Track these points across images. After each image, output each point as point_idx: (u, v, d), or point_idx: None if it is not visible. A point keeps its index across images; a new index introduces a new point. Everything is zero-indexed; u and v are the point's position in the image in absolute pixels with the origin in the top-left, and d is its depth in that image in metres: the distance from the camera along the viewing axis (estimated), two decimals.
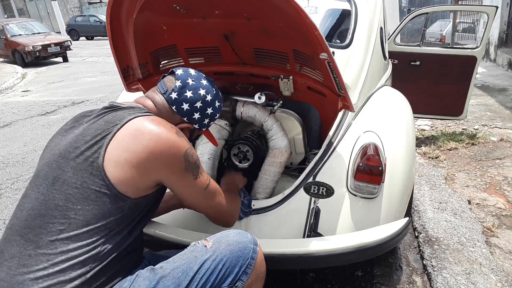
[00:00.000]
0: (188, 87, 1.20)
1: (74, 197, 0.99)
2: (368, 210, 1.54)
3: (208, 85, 1.26)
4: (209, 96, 1.24)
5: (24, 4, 26.93)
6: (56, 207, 0.98)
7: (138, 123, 1.07)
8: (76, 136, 1.07)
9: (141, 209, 1.09)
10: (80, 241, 0.96)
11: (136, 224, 1.09)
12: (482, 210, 2.48)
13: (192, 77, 1.23)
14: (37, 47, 11.76)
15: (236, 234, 1.15)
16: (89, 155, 1.02)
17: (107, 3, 1.47)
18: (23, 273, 0.93)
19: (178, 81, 1.21)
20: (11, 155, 4.03)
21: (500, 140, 3.64)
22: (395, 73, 3.02)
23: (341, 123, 1.74)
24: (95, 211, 0.99)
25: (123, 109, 1.12)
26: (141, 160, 1.02)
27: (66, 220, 0.97)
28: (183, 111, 1.21)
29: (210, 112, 1.26)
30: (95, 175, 1.00)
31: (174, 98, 1.19)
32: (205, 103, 1.23)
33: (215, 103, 1.27)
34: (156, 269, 1.06)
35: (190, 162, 1.12)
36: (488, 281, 1.78)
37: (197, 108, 1.22)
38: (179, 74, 1.22)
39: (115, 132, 1.04)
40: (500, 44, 7.79)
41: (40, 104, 6.54)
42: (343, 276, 1.92)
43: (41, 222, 0.98)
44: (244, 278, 1.10)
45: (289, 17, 1.28)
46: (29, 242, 0.96)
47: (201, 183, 1.18)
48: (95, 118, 1.10)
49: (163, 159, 1.06)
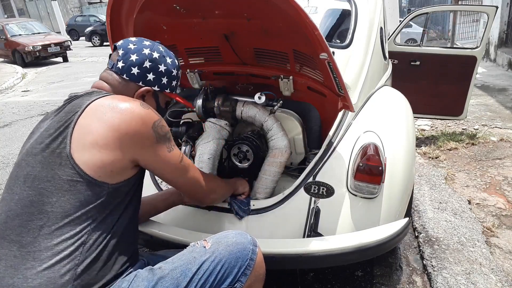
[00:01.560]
0: (131, 51, 1.18)
1: (47, 190, 0.97)
2: (368, 210, 1.54)
3: (152, 44, 1.22)
4: (156, 53, 1.20)
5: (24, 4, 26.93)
6: (31, 204, 0.97)
7: (98, 104, 1.05)
8: (41, 133, 1.06)
9: (124, 194, 1.06)
10: (63, 234, 0.95)
11: (122, 212, 1.06)
12: (482, 210, 2.48)
13: (133, 42, 1.20)
14: (37, 47, 11.77)
15: (236, 235, 1.15)
16: (55, 147, 1.00)
17: (107, 3, 1.47)
18: (11, 274, 0.92)
19: (120, 50, 1.19)
20: (11, 155, 4.03)
21: (500, 140, 3.64)
22: (395, 73, 3.02)
23: (341, 123, 1.74)
24: (72, 200, 0.97)
25: (81, 97, 1.10)
26: (108, 140, 1.00)
27: (44, 215, 0.95)
28: (135, 76, 1.17)
29: (164, 69, 1.21)
30: (64, 165, 0.98)
31: (121, 66, 1.17)
32: (154, 61, 1.19)
33: (166, 59, 1.22)
34: (155, 269, 1.05)
35: (160, 134, 1.09)
36: (488, 281, 1.77)
37: (147, 68, 1.18)
38: (119, 44, 1.21)
39: (76, 119, 1.02)
40: (500, 44, 7.79)
41: (40, 104, 6.54)
42: (343, 276, 1.92)
43: (20, 221, 0.96)
44: (243, 279, 1.10)
45: (289, 17, 1.28)
46: (12, 243, 0.95)
47: (175, 156, 1.15)
48: (56, 112, 1.09)
49: (131, 135, 1.02)
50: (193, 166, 1.25)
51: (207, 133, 1.79)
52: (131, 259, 1.09)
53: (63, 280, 0.92)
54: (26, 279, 0.91)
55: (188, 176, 1.22)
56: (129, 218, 1.10)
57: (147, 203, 1.44)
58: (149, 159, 1.09)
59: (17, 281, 0.91)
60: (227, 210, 1.59)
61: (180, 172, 1.19)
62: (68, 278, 0.92)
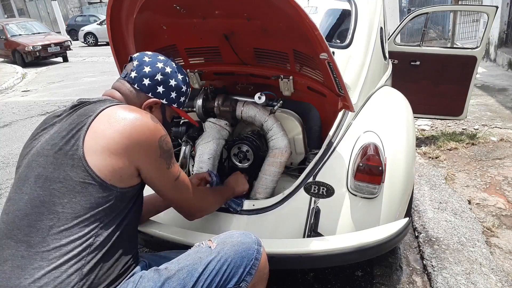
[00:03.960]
0: (145, 63, 1.22)
1: (59, 191, 0.98)
2: (368, 210, 1.54)
3: (166, 59, 1.27)
4: (168, 68, 1.24)
5: (24, 4, 26.92)
6: (42, 204, 0.98)
7: (112, 111, 1.08)
8: (51, 135, 1.06)
9: (129, 198, 1.09)
10: (72, 235, 0.96)
11: (126, 215, 1.08)
12: (482, 210, 2.48)
13: (148, 55, 1.25)
14: (37, 47, 11.76)
15: (240, 235, 1.16)
16: (68, 149, 1.01)
17: (107, 3, 1.47)
18: (19, 275, 0.92)
19: (135, 61, 1.23)
20: (11, 155, 4.03)
21: (500, 140, 3.64)
22: (395, 73, 3.02)
23: (341, 123, 1.74)
24: (83, 202, 0.98)
25: (93, 103, 1.12)
26: (118, 146, 1.02)
27: (55, 215, 0.96)
28: (146, 87, 1.21)
29: (174, 84, 1.25)
30: (77, 167, 0.99)
31: (134, 76, 1.21)
32: (166, 75, 1.23)
33: (177, 75, 1.26)
34: (160, 270, 1.05)
35: (164, 149, 1.12)
36: (488, 281, 1.77)
37: (158, 81, 1.22)
38: (135, 56, 1.25)
39: (90, 122, 1.04)
40: (500, 44, 7.78)
41: (40, 104, 6.54)
42: (343, 276, 1.92)
43: (28, 221, 0.97)
44: (248, 279, 1.10)
45: (289, 17, 1.28)
46: (20, 243, 0.95)
47: (172, 173, 1.17)
48: (67, 116, 1.10)
49: (140, 144, 1.06)
50: (187, 186, 1.26)
51: (207, 133, 1.79)
52: (133, 260, 1.10)
53: (70, 280, 0.92)
54: (34, 279, 0.91)
55: (179, 195, 1.24)
56: (132, 221, 1.12)
57: (148, 203, 1.44)
58: (149, 171, 1.11)
59: (24, 282, 0.91)
60: (226, 210, 1.59)
61: (173, 188, 1.21)
62: (75, 278, 0.93)
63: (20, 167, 1.09)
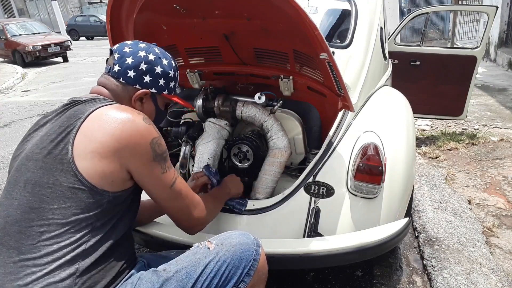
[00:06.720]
0: (126, 55, 1.16)
1: (49, 197, 0.96)
2: (368, 210, 1.54)
3: (147, 46, 1.21)
4: (151, 55, 1.19)
5: (24, 4, 26.93)
6: (31, 210, 0.95)
7: (102, 113, 1.03)
8: (41, 137, 1.04)
9: (122, 201, 1.05)
10: (64, 241, 0.94)
11: (120, 217, 1.05)
12: (482, 210, 2.47)
13: (128, 45, 1.19)
14: (37, 47, 11.75)
15: (239, 235, 1.15)
16: (57, 153, 0.98)
17: (107, 3, 1.47)
18: (11, 281, 0.91)
19: (115, 53, 1.17)
20: (11, 155, 4.03)
21: (500, 140, 3.64)
22: (395, 73, 3.02)
23: (341, 123, 1.74)
24: (73, 208, 0.95)
25: (83, 102, 1.08)
26: (108, 149, 0.98)
27: (45, 222, 0.94)
28: (131, 79, 1.16)
29: (160, 71, 1.20)
30: (66, 171, 0.96)
31: (117, 70, 1.15)
32: (150, 63, 1.18)
33: (161, 61, 1.20)
34: (159, 271, 1.05)
35: (157, 152, 1.07)
36: (488, 281, 1.77)
37: (143, 71, 1.16)
38: (115, 48, 1.20)
39: (79, 125, 1.00)
40: (500, 44, 7.78)
41: (40, 104, 6.54)
42: (343, 276, 1.92)
43: (19, 227, 0.95)
44: (247, 280, 1.10)
45: (289, 17, 1.28)
46: (11, 249, 0.94)
47: (167, 179, 1.11)
48: (56, 117, 1.07)
49: (130, 147, 1.01)
50: (185, 194, 1.17)
51: (207, 133, 1.79)
52: (129, 261, 1.09)
53: (63, 284, 0.91)
54: (27, 285, 0.90)
55: (176, 203, 1.16)
56: (127, 223, 1.10)
57: (150, 206, 1.43)
58: (142, 175, 1.06)
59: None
60: (226, 210, 1.59)
61: (168, 196, 1.13)
62: (68, 282, 0.92)
63: (11, 171, 1.06)
